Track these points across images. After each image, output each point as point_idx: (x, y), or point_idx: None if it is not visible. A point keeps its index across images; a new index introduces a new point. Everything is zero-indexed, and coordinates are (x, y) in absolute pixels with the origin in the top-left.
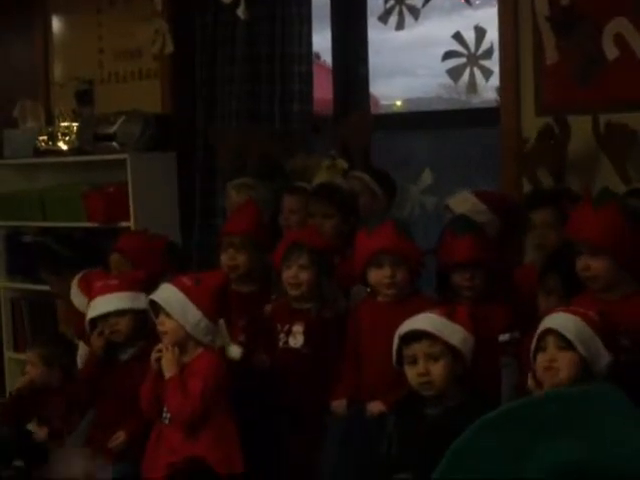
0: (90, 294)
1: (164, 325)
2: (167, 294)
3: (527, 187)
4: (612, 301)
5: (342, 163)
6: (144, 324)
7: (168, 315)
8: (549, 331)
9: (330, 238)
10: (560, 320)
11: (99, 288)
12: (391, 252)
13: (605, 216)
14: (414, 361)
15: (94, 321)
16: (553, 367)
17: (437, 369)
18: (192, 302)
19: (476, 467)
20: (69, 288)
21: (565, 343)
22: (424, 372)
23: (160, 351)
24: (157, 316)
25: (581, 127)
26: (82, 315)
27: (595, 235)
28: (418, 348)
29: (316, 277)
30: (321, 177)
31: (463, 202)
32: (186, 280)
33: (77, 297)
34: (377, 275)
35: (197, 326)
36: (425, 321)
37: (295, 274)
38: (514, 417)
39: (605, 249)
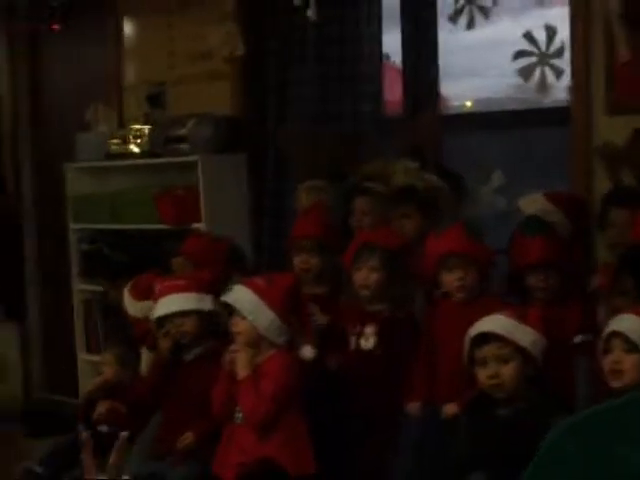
0: (153, 295)
1: (238, 326)
2: (240, 295)
3: (598, 188)
4: None
5: (412, 165)
6: (210, 325)
7: (241, 316)
8: (615, 333)
9: (411, 239)
10: (626, 322)
11: (165, 288)
12: (461, 254)
13: None
14: (484, 363)
15: (160, 321)
16: (619, 369)
17: (507, 371)
18: (265, 303)
19: (561, 474)
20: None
21: (631, 345)
22: (494, 374)
23: (233, 352)
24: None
25: None
26: (139, 321)
27: None
28: (488, 350)
29: (387, 278)
30: (399, 180)
31: (533, 203)
32: (258, 281)
33: (131, 305)
34: (448, 278)
35: (270, 327)
36: (495, 323)
37: (366, 276)
38: (595, 421)
39: None
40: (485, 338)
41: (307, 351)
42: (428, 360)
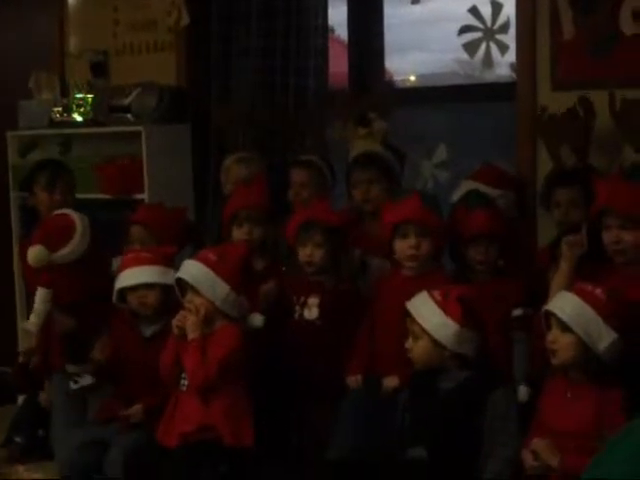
0: (122, 264)
1: (193, 302)
2: (194, 271)
3: (542, 163)
4: (636, 275)
5: (381, 125)
6: (170, 300)
7: (196, 292)
8: (550, 312)
9: (381, 202)
10: (560, 302)
11: (130, 260)
12: (416, 222)
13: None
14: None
15: (122, 292)
16: (554, 349)
17: (417, 348)
18: (219, 277)
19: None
20: None
21: (564, 325)
22: (409, 347)
23: (183, 316)
24: (183, 293)
25: (597, 103)
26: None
27: (630, 206)
28: (407, 323)
29: (331, 253)
30: (358, 146)
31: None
32: (210, 255)
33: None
34: (402, 245)
35: (226, 300)
36: (413, 300)
37: (310, 252)
38: None
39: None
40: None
41: (256, 319)
42: (370, 333)
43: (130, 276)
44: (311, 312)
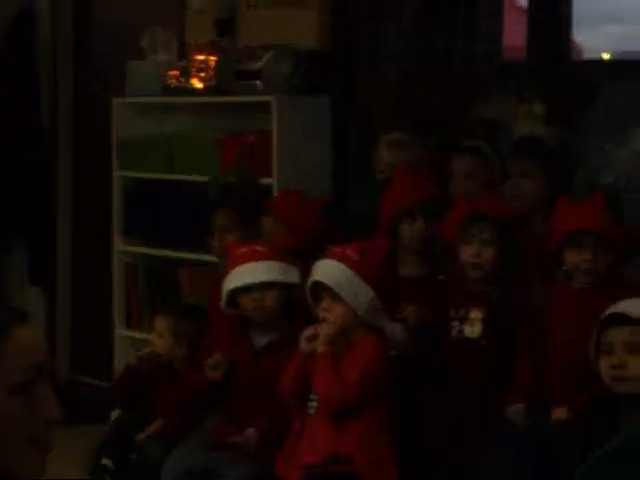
0: (232, 261)
1: (331, 311)
2: (333, 272)
3: None
4: None
5: (539, 108)
6: (290, 304)
7: (336, 297)
8: None
9: (528, 201)
10: None
11: (244, 255)
12: (595, 234)
13: None
14: (611, 350)
15: (233, 294)
16: None
17: (637, 362)
18: (363, 279)
19: None
20: None
21: None
22: (619, 363)
23: (315, 328)
24: (316, 299)
25: None
26: None
27: None
28: (617, 334)
29: (501, 255)
30: (520, 127)
31: None
32: (350, 253)
33: None
34: (575, 258)
35: (369, 307)
36: (632, 304)
37: (477, 252)
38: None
39: None
40: (617, 321)
41: (398, 332)
42: (537, 353)
43: (244, 274)
44: (473, 329)
